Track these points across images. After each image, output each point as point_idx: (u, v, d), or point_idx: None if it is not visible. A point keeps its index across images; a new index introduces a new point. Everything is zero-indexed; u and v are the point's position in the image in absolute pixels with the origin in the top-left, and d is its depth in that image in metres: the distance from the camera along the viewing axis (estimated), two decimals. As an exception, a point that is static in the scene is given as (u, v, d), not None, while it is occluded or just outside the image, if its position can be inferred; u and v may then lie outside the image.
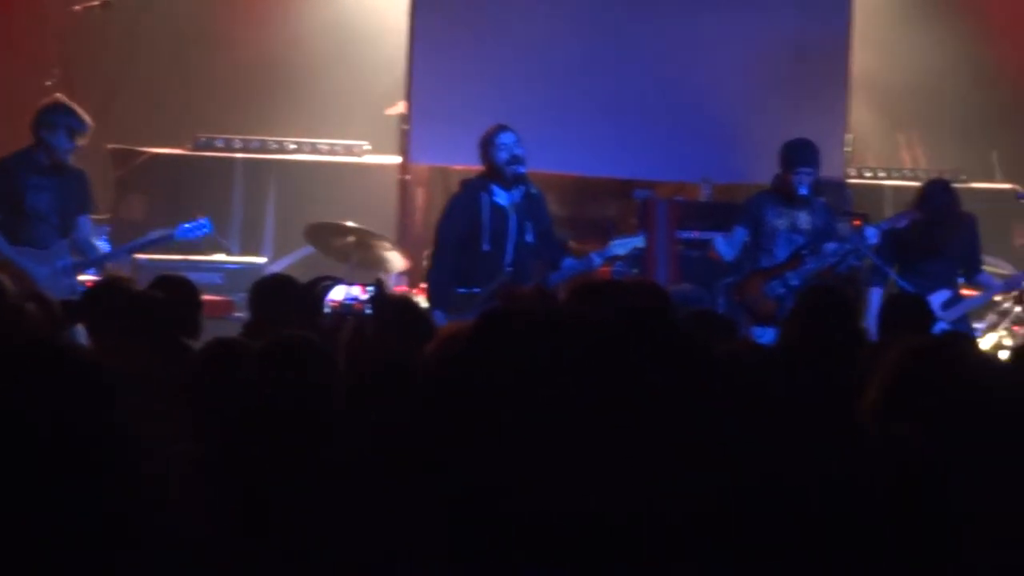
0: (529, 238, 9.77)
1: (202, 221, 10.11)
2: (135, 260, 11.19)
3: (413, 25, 12.46)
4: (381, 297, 7.03)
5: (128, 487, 1.90)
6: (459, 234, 9.75)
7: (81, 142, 9.66)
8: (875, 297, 10.25)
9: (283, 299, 7.09)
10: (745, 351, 4.11)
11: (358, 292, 7.33)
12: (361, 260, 11.69)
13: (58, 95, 10.72)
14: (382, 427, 3.76)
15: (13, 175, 9.54)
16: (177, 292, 6.94)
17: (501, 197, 9.77)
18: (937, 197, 10.36)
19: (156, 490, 2.54)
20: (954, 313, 10.16)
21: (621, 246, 10.00)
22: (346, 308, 7.26)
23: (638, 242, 10.14)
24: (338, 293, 7.39)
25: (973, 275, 10.51)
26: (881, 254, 10.24)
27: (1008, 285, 10.77)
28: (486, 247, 9.70)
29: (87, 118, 9.70)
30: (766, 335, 9.52)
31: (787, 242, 10.17)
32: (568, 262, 9.92)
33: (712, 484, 2.75)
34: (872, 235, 10.12)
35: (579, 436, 2.85)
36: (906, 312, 6.93)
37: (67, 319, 6.68)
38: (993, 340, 11.57)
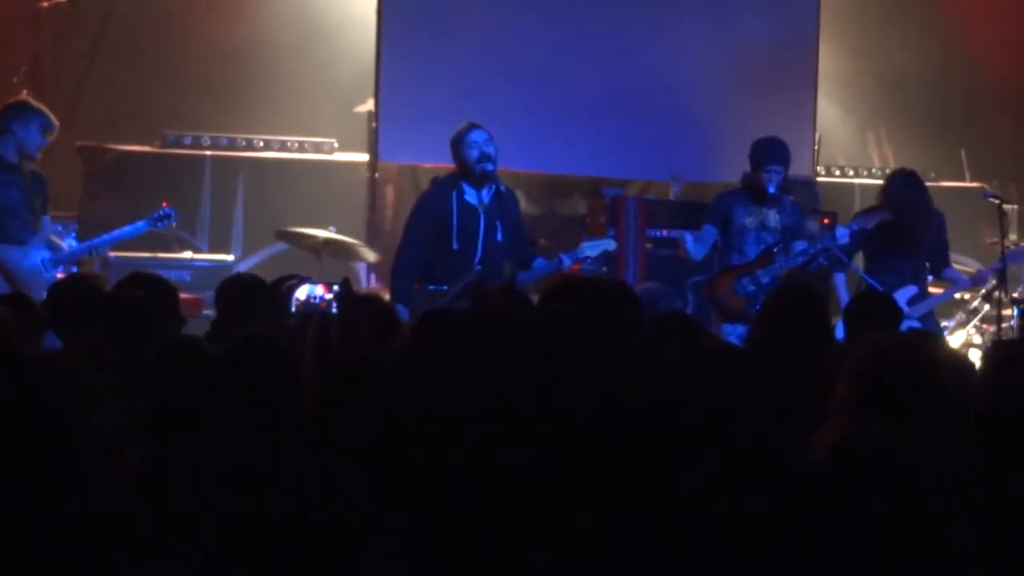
0: (499, 237, 9.76)
1: (167, 210, 10.06)
2: (106, 257, 11.15)
3: (381, 22, 12.44)
4: (347, 296, 7.00)
5: (87, 486, 1.88)
6: (427, 231, 9.72)
7: (50, 139, 9.63)
8: (839, 281, 10.28)
9: (249, 298, 7.05)
10: (700, 355, 4.09)
11: (322, 291, 7.31)
12: (332, 253, 11.67)
13: (24, 94, 10.67)
14: (349, 426, 3.75)
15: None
16: (154, 289, 6.89)
17: (471, 195, 9.75)
18: (900, 189, 10.37)
19: (114, 489, 2.52)
20: (920, 309, 10.18)
21: (591, 248, 10.00)
22: (311, 307, 7.24)
23: (608, 244, 10.14)
24: (303, 292, 7.37)
25: (940, 271, 10.53)
26: (848, 250, 10.25)
27: (975, 281, 10.80)
28: (455, 245, 9.68)
29: (54, 118, 9.67)
30: (735, 332, 9.54)
31: (757, 240, 10.17)
32: (538, 262, 9.92)
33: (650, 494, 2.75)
34: (843, 235, 10.13)
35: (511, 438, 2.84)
36: (873, 310, 6.93)
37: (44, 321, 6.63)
38: (962, 338, 11.62)
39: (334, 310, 7.07)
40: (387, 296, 9.73)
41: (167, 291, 6.93)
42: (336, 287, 7.24)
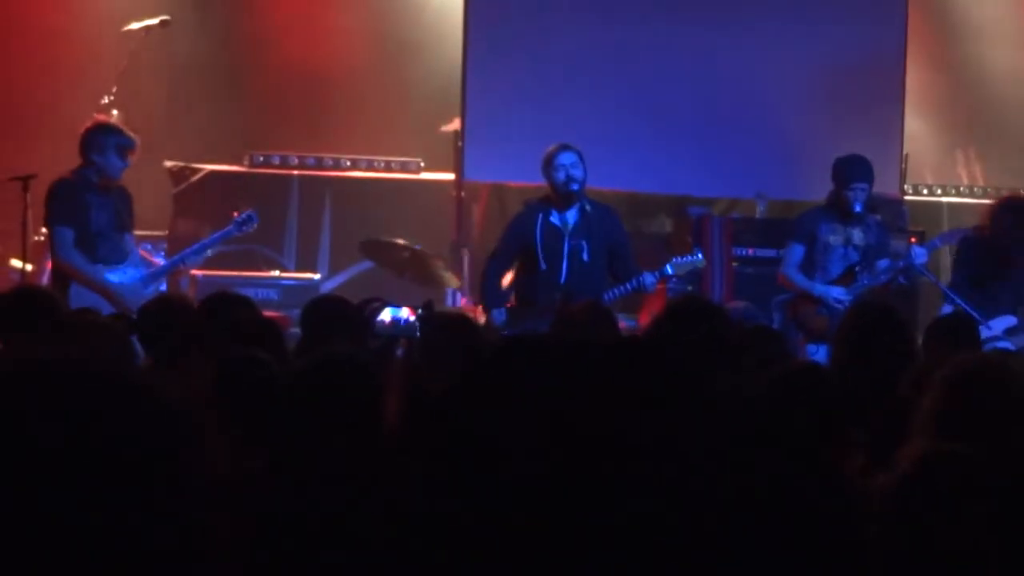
0: (585, 257, 9.79)
1: (248, 213, 10.13)
2: (193, 276, 11.25)
3: (467, 40, 12.50)
4: (431, 319, 7.03)
5: (190, 506, 1.90)
6: (514, 251, 9.89)
7: (132, 159, 9.71)
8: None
9: (334, 319, 7.11)
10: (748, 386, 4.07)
11: (407, 314, 7.31)
12: (416, 276, 11.73)
13: (100, 115, 10.79)
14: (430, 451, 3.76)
15: (78, 194, 9.57)
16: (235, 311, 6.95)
17: (555, 217, 9.83)
18: (1001, 215, 10.12)
19: (211, 508, 2.54)
20: (1019, 341, 9.92)
21: (677, 266, 9.96)
22: (396, 330, 7.25)
23: (697, 261, 10.05)
24: (387, 315, 7.38)
25: None
26: (955, 273, 10.07)
27: None
28: (543, 266, 9.78)
29: (133, 134, 9.75)
30: (819, 352, 9.48)
31: (841, 259, 10.12)
32: (615, 290, 9.87)
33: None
34: (920, 255, 9.97)
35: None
36: (950, 331, 6.83)
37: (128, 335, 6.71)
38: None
39: (419, 334, 7.08)
40: (476, 314, 9.81)
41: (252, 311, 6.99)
42: (420, 310, 7.25)
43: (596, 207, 9.95)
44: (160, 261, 10.51)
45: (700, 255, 10.17)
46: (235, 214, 10.17)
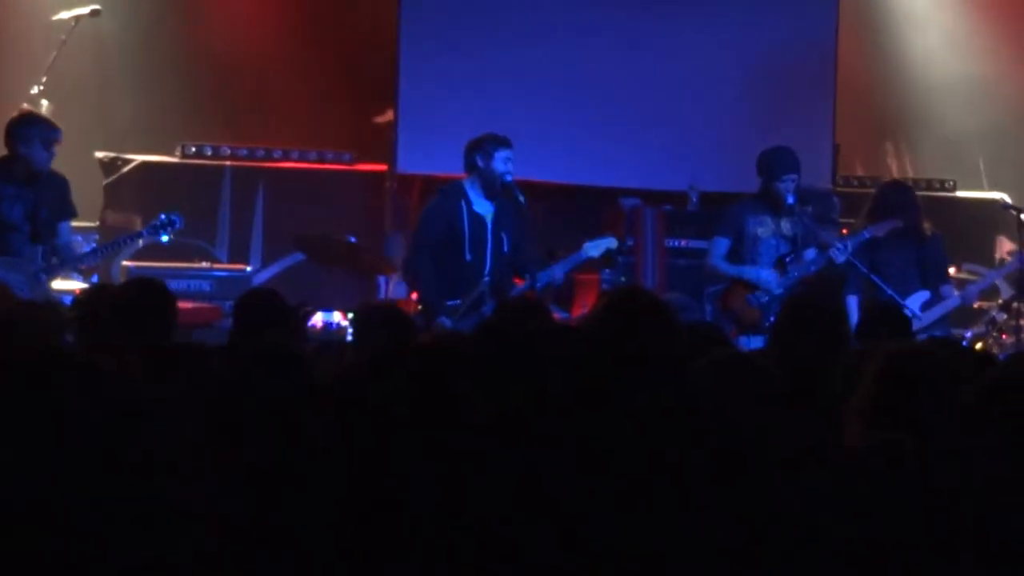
0: (505, 248, 9.75)
1: (167, 218, 10.04)
2: (125, 267, 11.19)
3: (399, 32, 12.47)
4: (362, 323, 6.97)
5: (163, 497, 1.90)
6: (437, 241, 9.71)
7: (56, 149, 9.66)
8: (852, 305, 10.23)
9: (268, 312, 7.10)
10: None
11: (338, 318, 7.29)
12: (349, 268, 11.69)
13: (25, 106, 10.71)
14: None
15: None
16: (153, 295, 6.92)
17: (480, 206, 9.74)
18: (894, 197, 10.38)
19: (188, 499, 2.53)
20: (933, 314, 10.16)
21: (594, 248, 9.94)
22: (329, 335, 7.23)
23: (610, 243, 10.04)
24: (319, 320, 7.37)
25: (938, 287, 10.45)
26: (862, 258, 10.21)
27: (963, 299, 10.66)
28: (468, 257, 9.67)
29: (57, 125, 9.70)
30: (752, 344, 9.52)
31: (772, 250, 10.16)
32: (543, 273, 9.81)
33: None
34: (838, 255, 10.04)
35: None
36: (884, 319, 6.93)
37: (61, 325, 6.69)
38: (980, 348, 11.59)
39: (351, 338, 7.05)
40: (408, 308, 9.75)
41: (165, 296, 6.95)
42: (352, 314, 7.20)
43: (523, 198, 9.89)
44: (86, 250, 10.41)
45: (612, 237, 10.15)
46: (160, 215, 10.11)
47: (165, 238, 10.13)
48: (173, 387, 4.35)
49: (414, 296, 10.10)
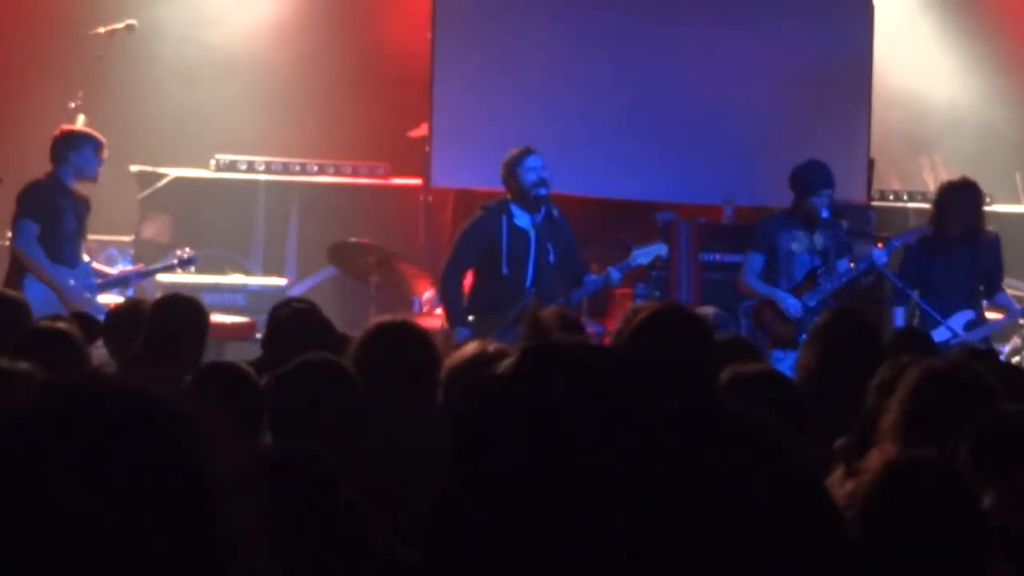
0: (551, 259, 9.79)
1: (191, 256, 10.36)
2: (158, 282, 11.23)
3: (434, 46, 12.48)
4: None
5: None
6: (475, 257, 9.78)
7: (104, 158, 9.93)
8: (898, 316, 10.19)
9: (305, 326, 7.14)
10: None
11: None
12: (382, 281, 11.71)
13: (65, 124, 10.82)
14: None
15: (50, 196, 9.76)
16: (187, 312, 6.95)
17: (522, 219, 9.79)
18: (945, 197, 10.28)
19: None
20: (977, 334, 10.06)
21: (644, 255, 9.96)
22: None
23: (660, 250, 10.06)
24: None
25: (992, 294, 10.39)
26: (901, 274, 10.16)
27: (1019, 313, 10.56)
28: (505, 270, 9.71)
29: (100, 135, 9.99)
30: (786, 359, 9.47)
31: (805, 265, 10.13)
32: (590, 278, 9.95)
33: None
34: (880, 255, 10.03)
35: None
36: (909, 346, 6.84)
37: (90, 337, 6.73)
38: (1017, 362, 11.51)
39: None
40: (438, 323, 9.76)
41: (199, 314, 6.97)
42: None
43: (559, 212, 9.97)
44: (109, 270, 10.51)
45: (662, 244, 10.16)
46: (179, 252, 10.50)
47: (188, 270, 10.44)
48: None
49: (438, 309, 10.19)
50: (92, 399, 1.84)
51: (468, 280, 10.01)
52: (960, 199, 10.23)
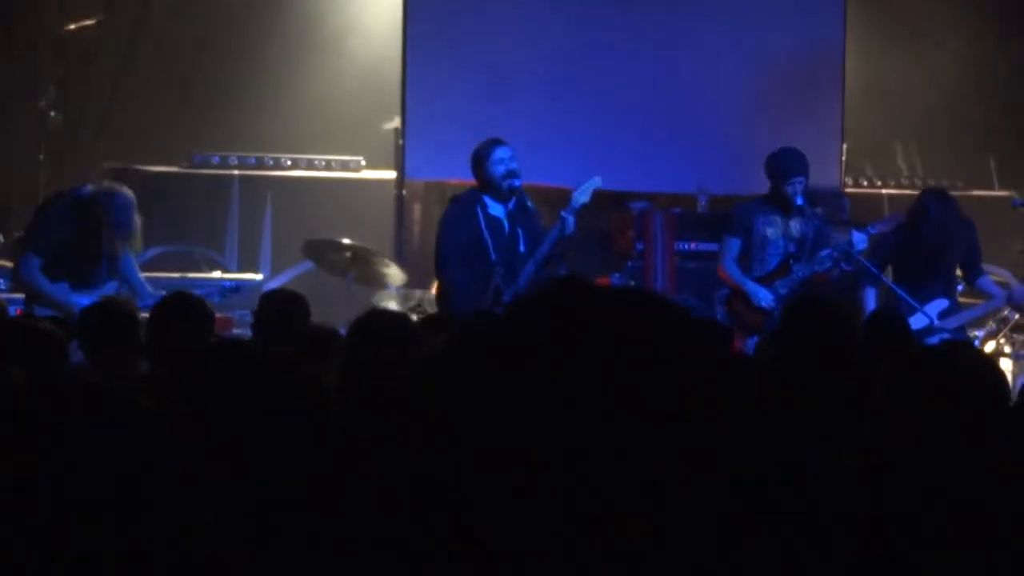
0: (521, 247, 9.75)
1: (234, 283, 10.34)
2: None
3: (406, 39, 12.47)
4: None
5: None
6: (462, 245, 9.73)
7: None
8: (870, 297, 10.20)
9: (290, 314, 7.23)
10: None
11: None
12: (359, 276, 11.69)
13: (52, 116, 10.75)
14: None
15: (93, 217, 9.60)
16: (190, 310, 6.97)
17: (495, 209, 9.75)
18: (934, 209, 10.27)
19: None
20: (952, 323, 10.09)
21: (582, 193, 9.74)
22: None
23: (596, 183, 9.78)
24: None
25: (974, 280, 10.41)
26: (875, 259, 10.18)
27: (1009, 298, 10.57)
28: (494, 257, 9.67)
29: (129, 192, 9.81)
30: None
31: (779, 251, 10.13)
32: (547, 235, 9.71)
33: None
34: (860, 240, 10.03)
35: None
36: (887, 332, 6.85)
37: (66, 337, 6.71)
38: (992, 347, 11.55)
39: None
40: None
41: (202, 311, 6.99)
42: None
43: (532, 203, 9.93)
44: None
45: (597, 177, 9.87)
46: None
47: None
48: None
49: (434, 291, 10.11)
50: None
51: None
52: (933, 216, 10.22)
